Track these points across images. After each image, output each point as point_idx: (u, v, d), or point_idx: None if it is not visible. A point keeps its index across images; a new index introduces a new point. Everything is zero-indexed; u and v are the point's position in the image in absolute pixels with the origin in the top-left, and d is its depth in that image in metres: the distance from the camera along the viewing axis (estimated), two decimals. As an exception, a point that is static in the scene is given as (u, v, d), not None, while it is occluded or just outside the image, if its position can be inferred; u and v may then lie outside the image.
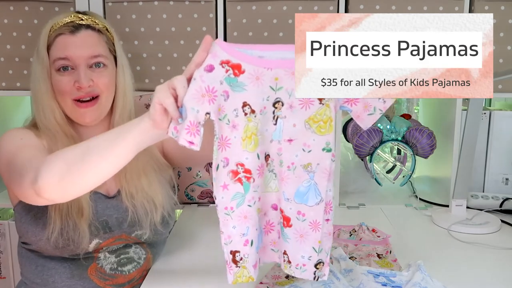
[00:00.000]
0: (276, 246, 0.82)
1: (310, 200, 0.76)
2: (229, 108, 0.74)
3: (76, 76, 0.98)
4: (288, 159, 0.76)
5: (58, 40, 0.99)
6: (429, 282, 0.88)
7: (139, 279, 1.01)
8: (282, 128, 0.76)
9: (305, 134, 0.76)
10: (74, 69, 0.99)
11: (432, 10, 1.36)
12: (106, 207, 0.99)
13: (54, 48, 0.99)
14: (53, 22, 1.00)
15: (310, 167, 0.76)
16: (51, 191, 0.80)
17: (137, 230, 1.01)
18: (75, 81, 0.98)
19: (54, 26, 0.99)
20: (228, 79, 0.74)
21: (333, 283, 0.86)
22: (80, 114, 1.00)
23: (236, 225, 0.77)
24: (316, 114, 0.75)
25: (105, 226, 0.98)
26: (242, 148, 0.75)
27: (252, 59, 0.74)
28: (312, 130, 0.75)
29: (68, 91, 0.99)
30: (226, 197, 0.75)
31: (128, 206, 1.00)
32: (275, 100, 0.75)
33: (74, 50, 0.98)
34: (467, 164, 1.31)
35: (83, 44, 0.99)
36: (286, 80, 0.75)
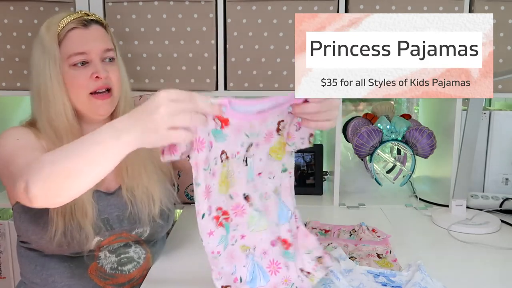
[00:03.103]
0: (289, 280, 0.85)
1: (284, 217, 0.85)
2: (211, 158, 0.77)
3: (93, 69, 0.98)
4: (263, 191, 0.83)
5: (72, 35, 0.98)
6: (429, 282, 0.88)
7: (139, 279, 1.01)
8: (253, 167, 0.82)
9: (268, 164, 0.83)
10: (89, 63, 0.99)
11: (432, 10, 1.36)
12: (107, 205, 1.00)
13: (68, 43, 0.98)
14: (56, 19, 0.99)
15: (277, 190, 0.84)
16: (43, 201, 0.78)
17: (137, 227, 1.01)
18: (92, 73, 0.98)
19: (63, 22, 0.98)
20: (214, 131, 0.76)
21: (333, 283, 0.86)
22: (96, 107, 1.00)
23: (224, 265, 0.80)
24: (275, 144, 0.81)
25: (106, 224, 0.98)
26: (220, 193, 0.79)
27: (240, 115, 0.78)
28: (273, 159, 0.83)
29: (85, 85, 0.98)
30: (213, 243, 0.79)
31: (127, 201, 1.00)
32: (248, 145, 0.80)
33: (90, 44, 0.98)
34: (467, 164, 1.31)
35: (96, 37, 1.00)
36: (258, 125, 0.80)
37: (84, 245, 0.95)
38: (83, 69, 0.98)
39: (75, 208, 0.94)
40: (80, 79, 0.98)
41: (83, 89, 0.98)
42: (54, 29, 0.98)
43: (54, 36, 0.97)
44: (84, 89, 0.98)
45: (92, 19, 1.01)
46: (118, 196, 1.02)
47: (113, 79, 1.01)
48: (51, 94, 0.97)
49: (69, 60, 0.97)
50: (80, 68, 0.98)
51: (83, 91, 0.99)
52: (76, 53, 0.97)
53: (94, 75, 0.98)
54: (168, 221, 1.08)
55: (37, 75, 0.98)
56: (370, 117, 1.54)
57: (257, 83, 1.39)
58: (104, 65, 1.00)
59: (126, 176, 1.02)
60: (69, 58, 0.97)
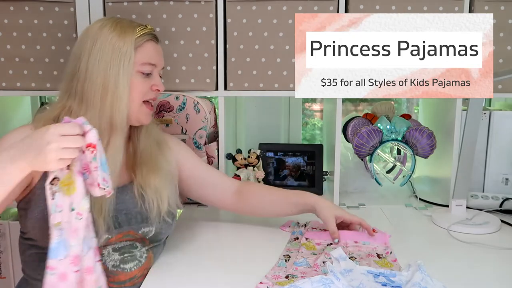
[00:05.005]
0: None
1: (61, 253, 0.84)
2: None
3: (154, 81, 1.08)
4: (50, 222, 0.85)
5: (148, 45, 1.06)
6: (429, 282, 0.88)
7: (140, 277, 1.01)
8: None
9: (60, 197, 0.84)
10: (151, 74, 1.07)
11: (432, 10, 1.36)
12: (117, 203, 1.02)
13: (144, 52, 1.05)
14: (129, 24, 1.04)
15: (60, 225, 0.84)
16: None
17: (144, 227, 1.03)
18: (153, 84, 1.07)
19: (139, 31, 1.04)
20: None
21: (333, 283, 0.86)
22: (145, 114, 1.08)
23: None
24: (64, 179, 0.83)
25: (115, 222, 1.00)
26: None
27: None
28: (63, 193, 0.84)
29: (144, 93, 1.06)
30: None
31: (137, 198, 1.04)
32: (53, 177, 0.83)
33: (159, 58, 1.09)
34: (467, 164, 1.31)
35: (162, 54, 1.11)
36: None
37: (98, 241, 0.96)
38: (147, 78, 1.07)
39: (95, 205, 0.95)
40: (144, 87, 1.06)
41: (142, 95, 1.06)
42: (130, 34, 1.03)
43: (131, 40, 1.02)
44: (143, 96, 1.06)
45: (156, 35, 1.10)
46: (128, 192, 1.04)
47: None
48: (121, 92, 1.02)
49: (141, 67, 1.04)
50: (145, 77, 1.06)
51: (140, 97, 1.06)
52: (149, 63, 1.06)
53: (154, 87, 1.08)
54: (173, 221, 1.10)
55: (104, 71, 1.01)
56: (370, 117, 1.54)
57: (257, 83, 1.40)
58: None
59: (141, 176, 1.06)
60: (141, 65, 1.04)
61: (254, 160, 1.52)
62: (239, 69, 1.39)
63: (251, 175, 1.50)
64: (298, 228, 1.23)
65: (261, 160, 1.54)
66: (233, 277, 0.99)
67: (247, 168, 1.52)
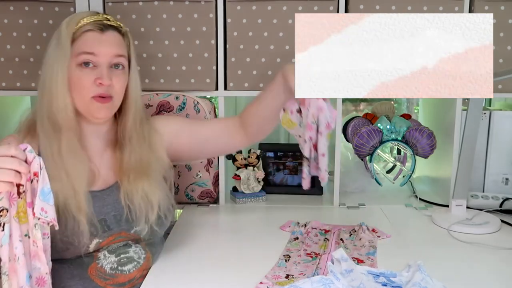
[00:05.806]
0: None
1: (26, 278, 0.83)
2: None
3: (98, 74, 0.99)
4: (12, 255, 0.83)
5: (86, 36, 0.99)
6: (429, 282, 0.88)
7: (140, 278, 1.01)
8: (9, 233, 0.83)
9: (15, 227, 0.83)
10: (96, 67, 0.99)
11: (432, 10, 1.36)
12: (103, 205, 1.00)
13: (81, 42, 0.98)
14: (78, 17, 1.00)
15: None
16: None
17: (136, 226, 1.02)
18: (96, 78, 0.98)
19: (82, 22, 0.99)
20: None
21: (333, 283, 0.86)
22: (96, 109, 1.00)
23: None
24: (18, 208, 0.82)
25: (104, 225, 0.98)
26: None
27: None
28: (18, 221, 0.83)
29: (87, 87, 0.99)
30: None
31: (124, 205, 1.01)
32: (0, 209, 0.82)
33: (101, 48, 0.99)
34: (467, 164, 1.31)
35: (109, 43, 1.00)
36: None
37: (82, 249, 0.95)
38: (89, 71, 0.99)
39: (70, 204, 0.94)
40: (84, 81, 0.98)
41: (85, 91, 0.99)
42: (72, 26, 0.99)
43: (70, 33, 0.98)
44: (86, 91, 0.99)
45: (111, 24, 1.02)
46: (114, 194, 1.02)
47: (116, 88, 1.01)
48: (54, 89, 0.97)
49: (77, 58, 0.98)
50: (86, 69, 0.99)
51: (85, 93, 0.99)
52: (85, 52, 0.98)
53: (97, 80, 0.98)
54: (163, 227, 1.08)
55: (46, 68, 0.99)
56: (370, 117, 1.54)
57: (257, 83, 1.40)
58: (110, 72, 1.00)
59: (127, 182, 1.02)
60: (77, 56, 0.98)
61: (254, 160, 1.52)
62: (239, 69, 1.39)
63: (251, 175, 1.50)
64: (298, 228, 1.24)
65: (261, 160, 1.54)
66: (233, 277, 0.99)
67: (247, 168, 1.52)
